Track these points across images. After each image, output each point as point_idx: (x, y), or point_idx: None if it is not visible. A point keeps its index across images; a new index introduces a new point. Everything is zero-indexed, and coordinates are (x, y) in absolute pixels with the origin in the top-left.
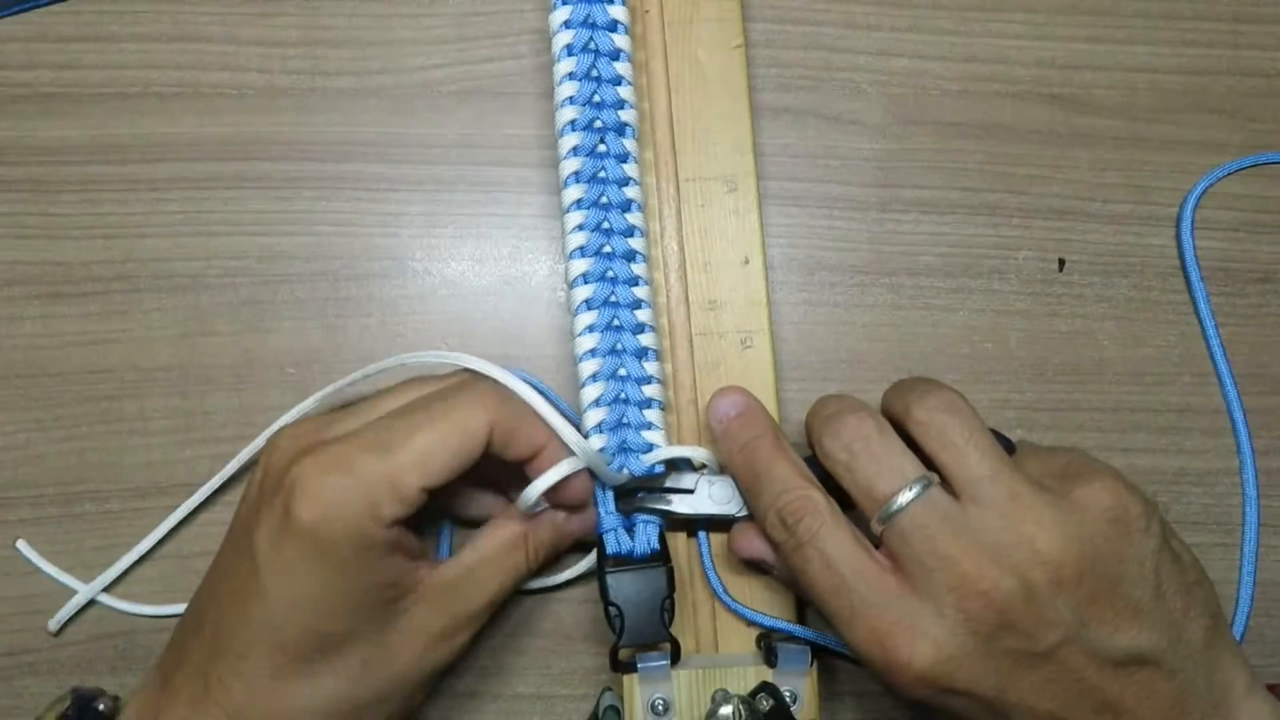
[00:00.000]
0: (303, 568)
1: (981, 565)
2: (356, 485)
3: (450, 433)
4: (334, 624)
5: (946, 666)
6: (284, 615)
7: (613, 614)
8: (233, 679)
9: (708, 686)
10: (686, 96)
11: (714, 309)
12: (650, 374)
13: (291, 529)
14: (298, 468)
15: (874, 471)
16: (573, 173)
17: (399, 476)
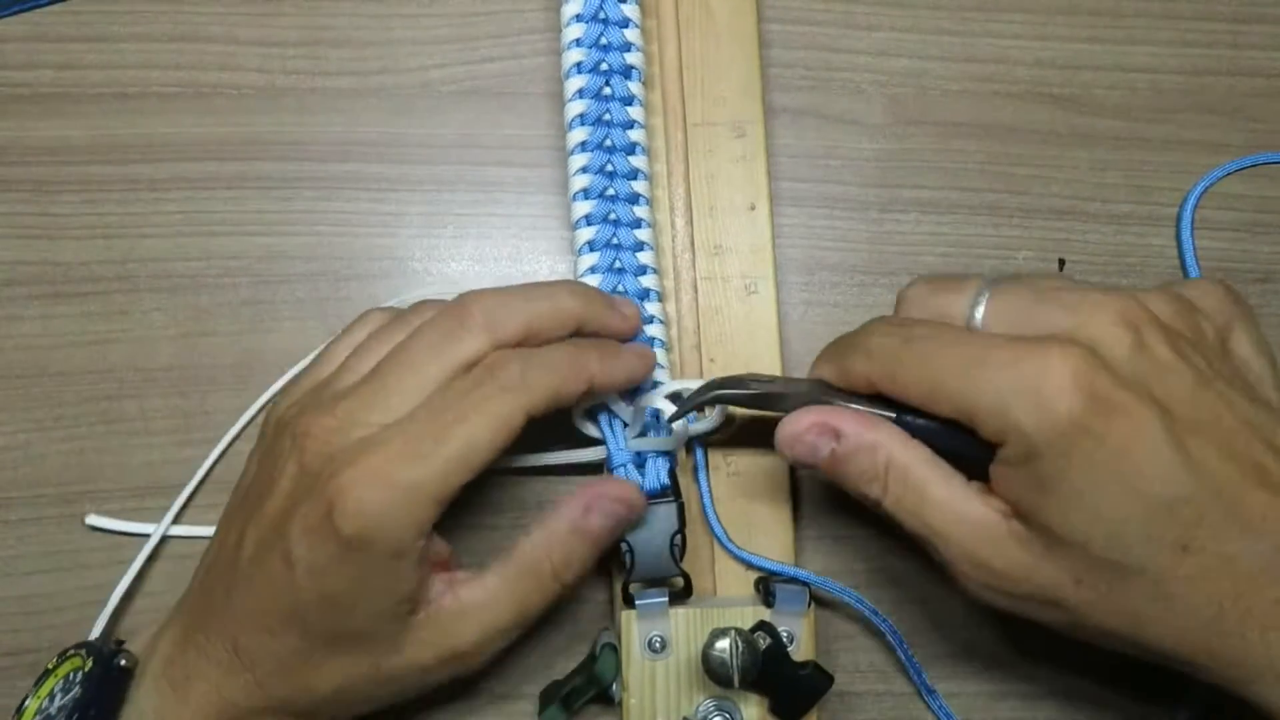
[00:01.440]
0: (336, 571)
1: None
2: (399, 500)
3: (488, 429)
4: (360, 624)
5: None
6: (313, 608)
7: (623, 549)
8: (261, 651)
9: (705, 625)
10: (695, 41)
11: (719, 254)
12: (652, 314)
13: (330, 536)
14: (340, 479)
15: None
16: (578, 115)
17: (443, 485)
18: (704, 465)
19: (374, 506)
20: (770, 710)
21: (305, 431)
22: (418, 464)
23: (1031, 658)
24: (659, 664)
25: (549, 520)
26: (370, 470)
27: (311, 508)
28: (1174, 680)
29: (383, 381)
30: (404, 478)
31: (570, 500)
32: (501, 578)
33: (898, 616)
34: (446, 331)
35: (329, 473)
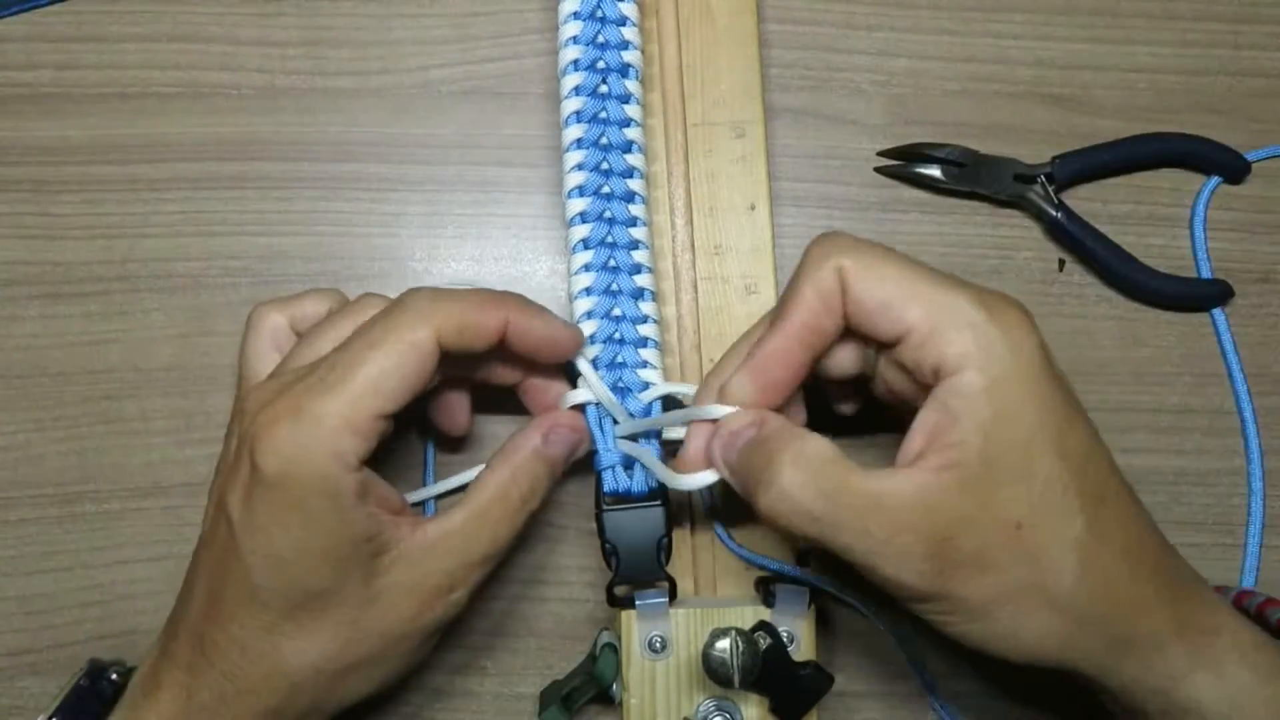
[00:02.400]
0: (274, 523)
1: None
2: (312, 429)
3: (395, 353)
4: (315, 579)
5: None
6: (263, 574)
7: (608, 551)
8: (225, 640)
9: (705, 625)
10: (695, 41)
11: (719, 254)
12: (646, 314)
13: (258, 484)
14: (258, 424)
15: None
16: (573, 112)
17: (353, 412)
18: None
19: (287, 440)
20: (770, 710)
21: (243, 406)
22: (327, 394)
23: None
24: (659, 664)
25: (509, 451)
26: (282, 405)
27: (240, 463)
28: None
29: (309, 341)
30: (313, 408)
31: (527, 431)
32: (470, 510)
33: (898, 617)
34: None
35: (249, 421)
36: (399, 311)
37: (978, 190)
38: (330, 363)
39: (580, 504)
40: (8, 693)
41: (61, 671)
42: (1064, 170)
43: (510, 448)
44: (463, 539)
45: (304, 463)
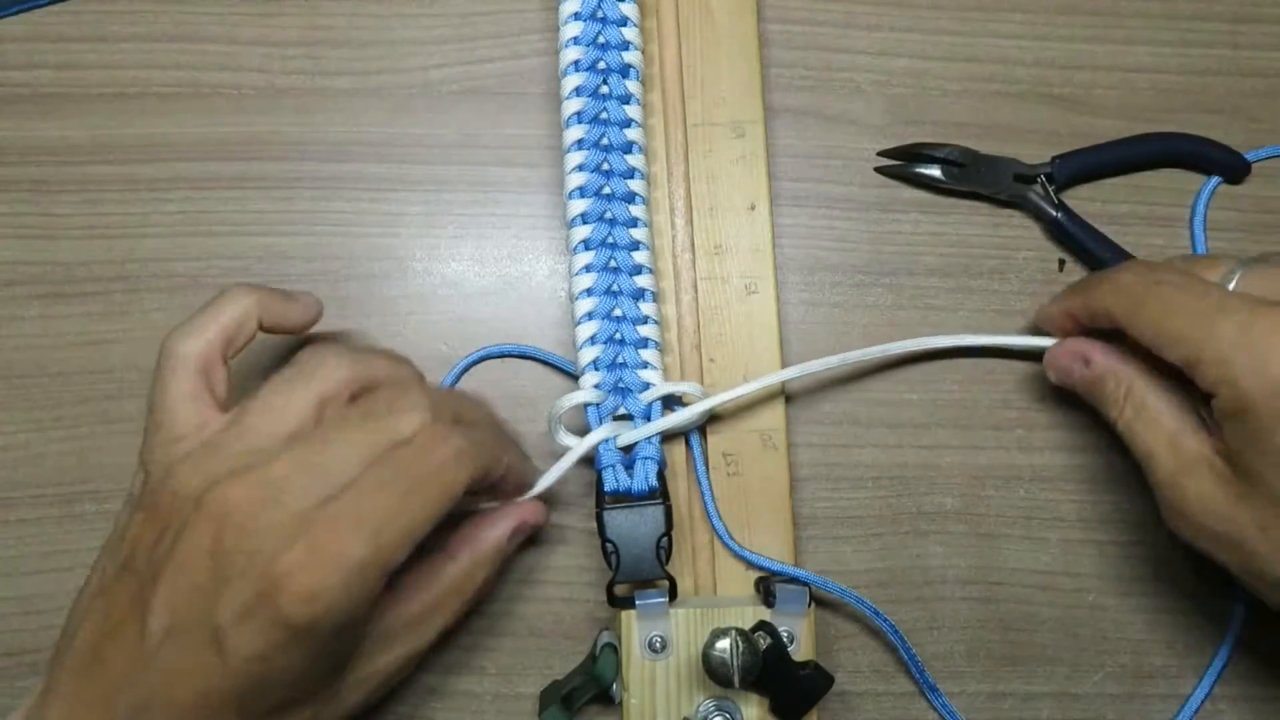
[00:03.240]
0: (280, 656)
1: None
2: (350, 580)
3: (437, 501)
4: (300, 692)
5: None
6: (254, 691)
7: (609, 551)
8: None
9: (705, 625)
10: (696, 41)
11: (719, 254)
12: (647, 315)
13: (276, 623)
14: (284, 562)
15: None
16: (574, 113)
17: (392, 558)
18: (703, 463)
19: (326, 590)
20: (770, 710)
21: (224, 502)
22: (372, 540)
23: (1031, 658)
24: (659, 664)
25: (473, 541)
26: (320, 550)
27: (245, 592)
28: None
29: (320, 446)
30: (357, 556)
31: (494, 521)
32: (430, 598)
33: (898, 617)
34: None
35: (266, 553)
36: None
37: (978, 190)
38: (374, 503)
39: (580, 504)
40: (8, 692)
41: None
42: (1064, 170)
43: (475, 537)
44: (418, 631)
45: (340, 612)
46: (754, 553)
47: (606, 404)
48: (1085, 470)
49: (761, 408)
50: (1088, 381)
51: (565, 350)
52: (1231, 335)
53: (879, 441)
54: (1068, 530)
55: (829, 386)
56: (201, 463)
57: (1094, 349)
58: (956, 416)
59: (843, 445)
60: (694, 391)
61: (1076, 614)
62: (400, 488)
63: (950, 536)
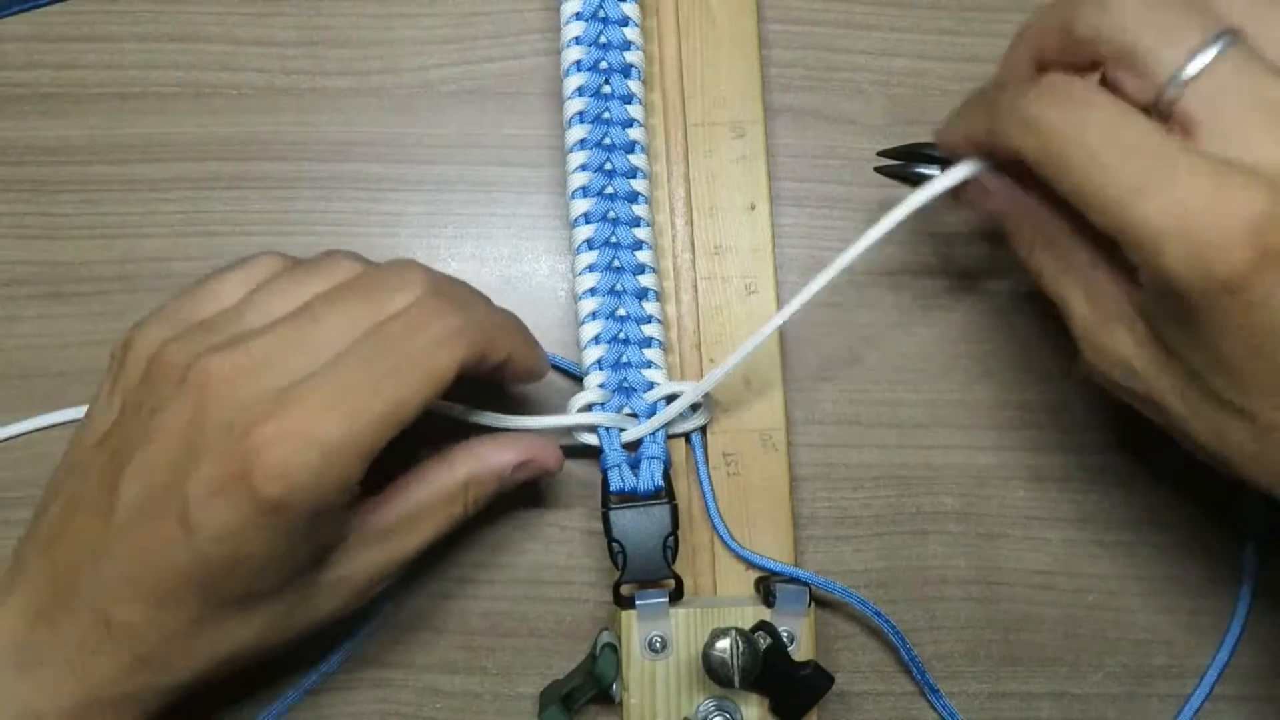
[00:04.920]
0: (249, 535)
1: None
2: (327, 459)
3: (420, 386)
4: (268, 583)
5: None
6: (218, 574)
7: (615, 550)
8: (144, 624)
9: (705, 625)
10: (696, 41)
11: (719, 254)
12: (650, 314)
13: (246, 499)
14: (258, 435)
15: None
16: (577, 113)
17: (371, 442)
18: (704, 463)
19: (299, 467)
20: (770, 710)
21: (206, 372)
22: (348, 419)
23: (1031, 658)
24: (659, 664)
25: (474, 457)
26: (295, 425)
27: (219, 466)
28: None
29: (310, 323)
30: (333, 435)
31: (503, 446)
32: (417, 504)
33: (898, 617)
34: (384, 281)
35: (242, 425)
36: (428, 331)
37: None
38: (353, 380)
39: (581, 504)
40: None
41: None
42: None
43: (478, 454)
44: (401, 537)
45: (311, 491)
46: (754, 553)
47: (611, 403)
48: (1085, 470)
49: (762, 408)
50: (989, 215)
51: (565, 350)
52: (1163, 212)
53: (879, 441)
54: (1068, 530)
55: (829, 386)
56: (196, 337)
57: (994, 180)
58: (956, 416)
59: (843, 445)
60: (699, 390)
61: (1076, 614)
62: (384, 366)
63: (950, 536)
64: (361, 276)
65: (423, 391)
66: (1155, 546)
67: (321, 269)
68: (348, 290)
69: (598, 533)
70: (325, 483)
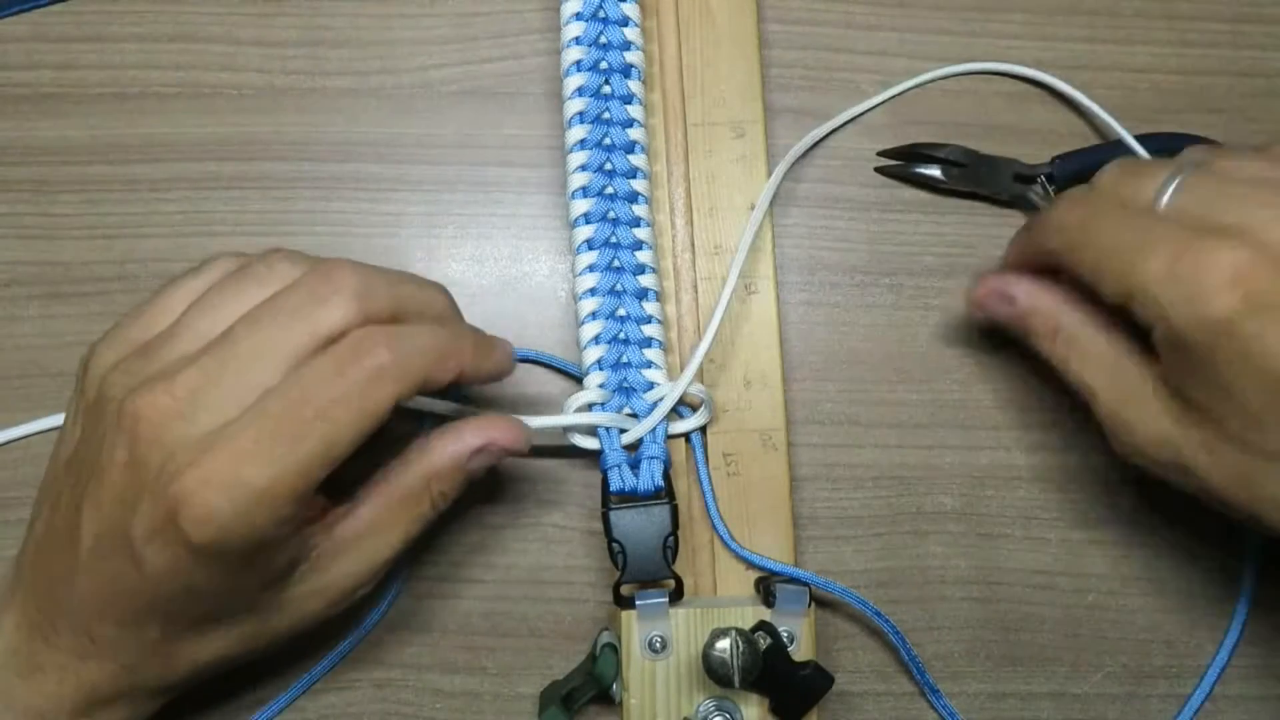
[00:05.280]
0: (193, 572)
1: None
2: (254, 503)
3: (354, 424)
4: (231, 606)
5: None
6: (174, 602)
7: (615, 550)
8: (122, 642)
9: (705, 625)
10: (696, 41)
11: (719, 254)
12: (650, 314)
13: (179, 542)
14: (183, 483)
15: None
16: (577, 113)
17: (300, 482)
18: (704, 463)
19: (225, 513)
20: (770, 710)
21: (136, 414)
22: (272, 464)
23: (1031, 658)
24: (659, 664)
25: (433, 454)
26: (218, 472)
27: (153, 509)
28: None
29: (231, 352)
30: (257, 480)
31: (460, 433)
32: (381, 508)
33: (898, 617)
34: (311, 294)
35: (170, 471)
36: (358, 368)
37: (978, 190)
38: (278, 425)
39: (580, 504)
40: None
41: None
42: (1064, 170)
43: (432, 449)
44: (372, 542)
45: (241, 534)
46: (754, 553)
47: (611, 404)
48: (1085, 470)
49: (762, 408)
50: (1014, 319)
51: (565, 350)
52: (1159, 272)
53: (879, 441)
54: (1068, 530)
55: (829, 386)
56: (132, 367)
57: (1017, 285)
58: (956, 416)
59: (843, 445)
60: (697, 392)
61: (1076, 614)
62: (311, 409)
63: (950, 536)
64: (289, 288)
65: (354, 431)
66: (1155, 546)
67: (255, 277)
68: (274, 309)
69: (598, 533)
70: (254, 524)
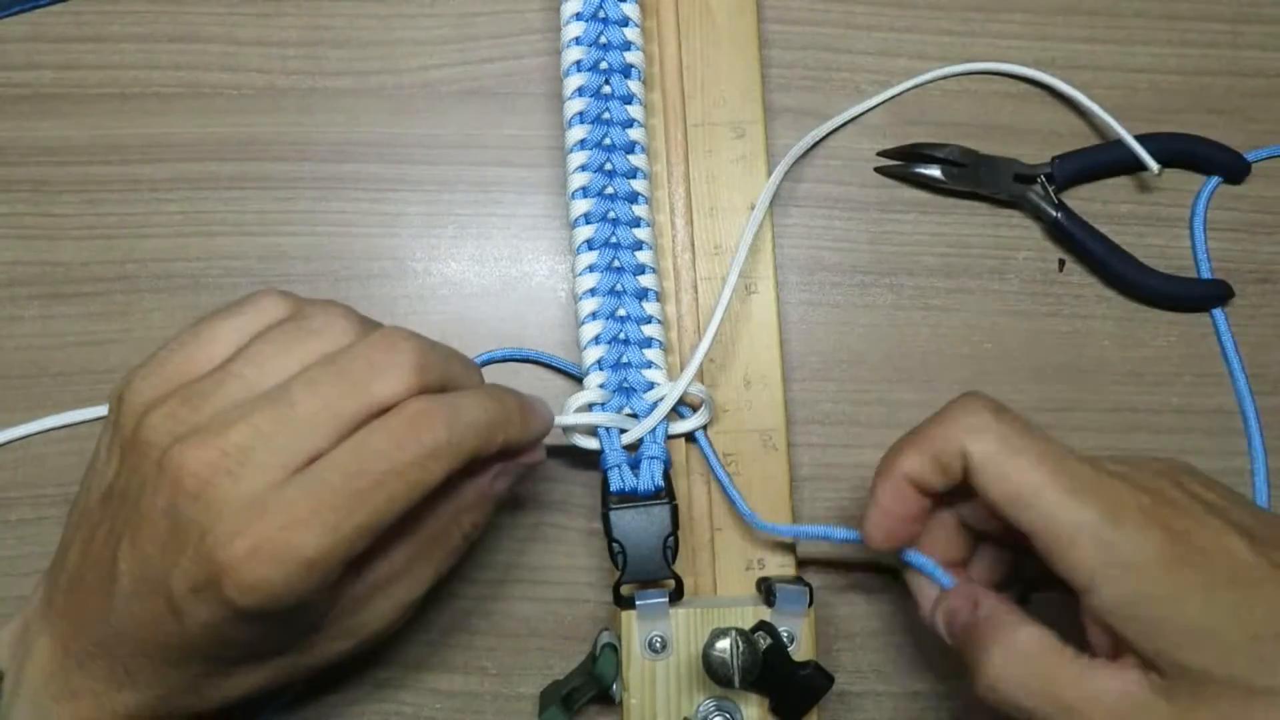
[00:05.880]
0: (233, 627)
1: None
2: (298, 575)
3: (406, 497)
4: (266, 650)
5: None
6: (208, 650)
7: (615, 550)
8: (158, 677)
9: (705, 625)
10: (696, 41)
11: (719, 254)
12: (650, 314)
13: (223, 604)
14: (232, 550)
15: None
16: (577, 113)
17: (349, 551)
18: (712, 453)
19: (274, 583)
20: (770, 710)
21: (181, 465)
22: (325, 534)
23: None
24: (659, 664)
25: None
26: (269, 540)
27: (196, 568)
28: None
29: (288, 414)
30: (308, 550)
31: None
32: (413, 548)
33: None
34: (370, 363)
35: (217, 534)
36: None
37: (978, 190)
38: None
39: (581, 504)
40: None
41: None
42: (1064, 170)
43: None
44: (404, 583)
45: (287, 599)
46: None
47: (611, 404)
48: None
49: (761, 408)
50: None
51: (565, 350)
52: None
53: (879, 441)
54: None
55: (829, 386)
56: (175, 411)
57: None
58: None
59: (843, 445)
60: (697, 392)
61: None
62: (364, 480)
63: None
64: (348, 352)
65: (405, 502)
66: None
67: (313, 329)
68: (332, 372)
69: (598, 533)
70: (301, 591)
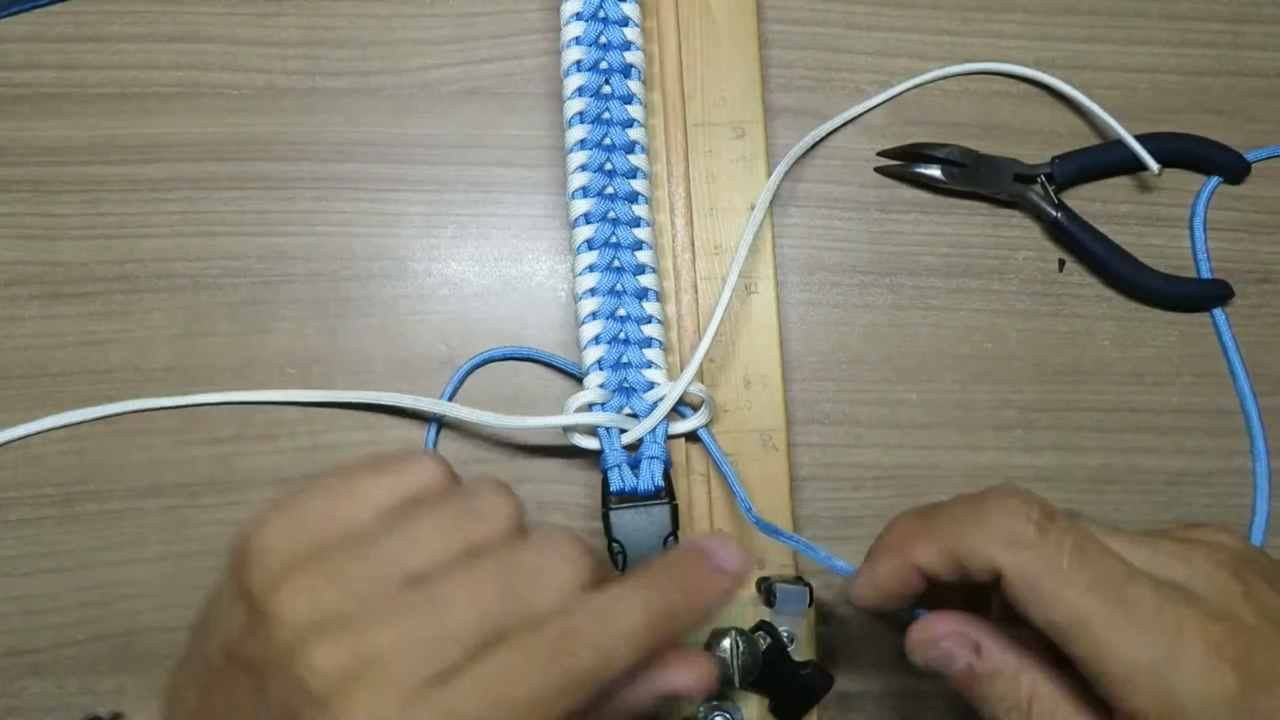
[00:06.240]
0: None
1: None
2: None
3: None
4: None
5: None
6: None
7: (615, 550)
8: None
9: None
10: (696, 41)
11: (719, 254)
12: (650, 314)
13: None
14: (347, 705)
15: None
16: (577, 113)
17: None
18: (716, 449)
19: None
20: (770, 710)
21: (311, 668)
22: (448, 690)
23: None
24: None
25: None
26: (387, 702)
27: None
28: None
29: (443, 612)
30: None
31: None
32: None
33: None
34: (537, 572)
35: (335, 689)
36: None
37: (978, 190)
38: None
39: (581, 504)
40: (8, 693)
41: (62, 671)
42: (1064, 170)
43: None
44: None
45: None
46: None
47: (611, 404)
48: (1085, 470)
49: (761, 408)
50: (973, 676)
51: (565, 350)
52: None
53: (879, 441)
54: None
55: (829, 386)
56: (316, 587)
57: (984, 631)
58: (956, 417)
59: (843, 445)
60: (697, 392)
61: None
62: (502, 709)
63: None
64: (512, 555)
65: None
66: None
67: (475, 511)
68: (495, 575)
69: (598, 533)
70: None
